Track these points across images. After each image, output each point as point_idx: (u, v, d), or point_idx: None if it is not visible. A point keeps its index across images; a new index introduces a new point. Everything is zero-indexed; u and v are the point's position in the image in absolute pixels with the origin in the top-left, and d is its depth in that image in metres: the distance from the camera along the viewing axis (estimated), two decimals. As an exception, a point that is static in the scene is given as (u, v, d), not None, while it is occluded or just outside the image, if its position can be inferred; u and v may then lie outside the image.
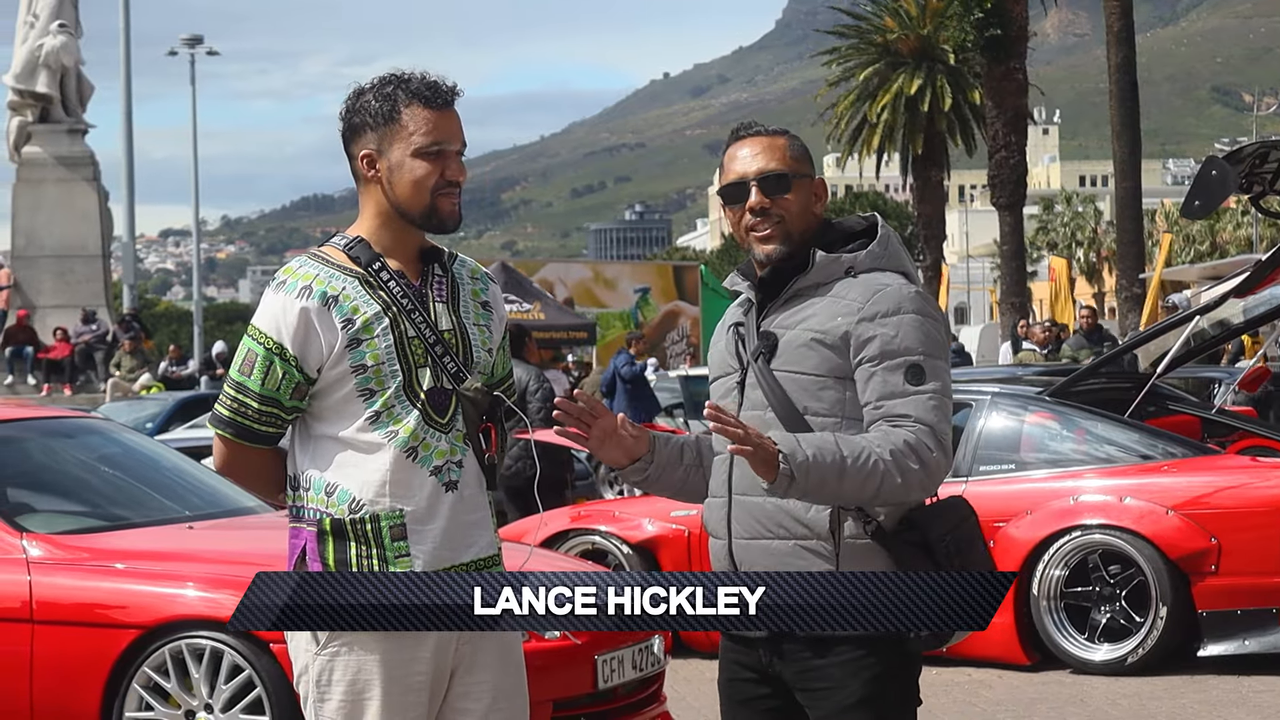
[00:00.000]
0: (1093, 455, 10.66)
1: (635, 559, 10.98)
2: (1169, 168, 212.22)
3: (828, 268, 4.16)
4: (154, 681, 7.25)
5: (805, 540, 4.08)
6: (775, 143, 4.22)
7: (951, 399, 4.13)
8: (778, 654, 4.14)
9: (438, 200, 4.20)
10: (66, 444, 8.86)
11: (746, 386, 4.18)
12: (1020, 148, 40.48)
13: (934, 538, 4.08)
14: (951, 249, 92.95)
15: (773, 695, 4.21)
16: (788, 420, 4.09)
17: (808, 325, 4.13)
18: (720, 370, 4.30)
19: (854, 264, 4.17)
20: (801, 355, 4.12)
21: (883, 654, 4.07)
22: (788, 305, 4.18)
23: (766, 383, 4.13)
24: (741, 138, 4.25)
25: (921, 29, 54.85)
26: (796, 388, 4.11)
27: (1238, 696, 9.47)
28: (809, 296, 4.17)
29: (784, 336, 4.15)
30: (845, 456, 3.94)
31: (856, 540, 4.07)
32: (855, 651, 4.06)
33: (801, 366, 4.11)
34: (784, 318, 4.17)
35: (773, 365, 4.14)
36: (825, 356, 4.10)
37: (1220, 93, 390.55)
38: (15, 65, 37.47)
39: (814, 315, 4.13)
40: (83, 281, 36.64)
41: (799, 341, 4.13)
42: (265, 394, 4.18)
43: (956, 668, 10.24)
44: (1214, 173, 10.61)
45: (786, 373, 4.13)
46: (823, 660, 4.08)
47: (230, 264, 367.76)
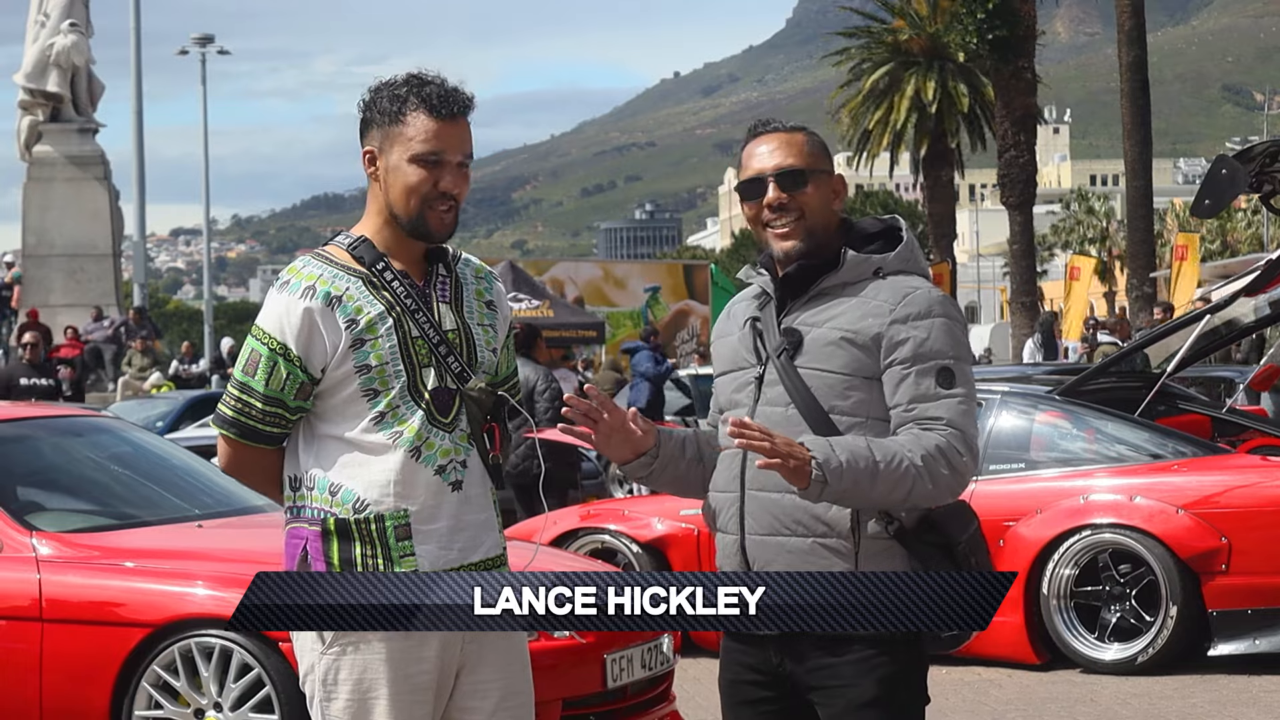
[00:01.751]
0: (1103, 454, 10.65)
1: (645, 558, 10.98)
2: (1180, 167, 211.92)
3: (857, 268, 4.16)
4: (163, 680, 7.25)
5: (825, 538, 4.07)
6: (794, 139, 4.21)
7: (975, 401, 4.16)
8: (789, 653, 4.13)
9: (426, 211, 4.17)
10: (77, 443, 8.87)
11: (765, 382, 4.16)
12: (1030, 147, 40.42)
13: (953, 539, 4.10)
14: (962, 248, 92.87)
15: (777, 697, 4.20)
16: (812, 418, 4.08)
17: (836, 324, 4.12)
18: (732, 365, 4.28)
19: (883, 265, 4.17)
20: (829, 354, 4.11)
21: (895, 653, 4.08)
22: (812, 303, 4.17)
23: (791, 380, 4.12)
24: (759, 134, 4.25)
25: (931, 28, 54.81)
26: (822, 386, 4.10)
27: (1248, 696, 9.46)
28: (835, 295, 4.16)
29: (809, 334, 4.13)
30: (878, 461, 3.95)
31: (877, 539, 4.08)
32: (868, 650, 4.06)
33: (829, 365, 4.10)
34: (809, 315, 4.16)
35: (797, 362, 4.13)
36: (854, 356, 4.10)
37: (1231, 92, 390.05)
38: (26, 64, 37.52)
39: (843, 314, 4.12)
40: (93, 280, 36.68)
41: (827, 340, 4.11)
42: (269, 394, 4.17)
43: (967, 666, 10.23)
44: (1224, 171, 10.60)
45: (812, 370, 4.11)
46: (835, 659, 4.08)
47: (241, 263, 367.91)
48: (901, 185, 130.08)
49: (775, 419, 4.09)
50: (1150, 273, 35.60)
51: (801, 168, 4.17)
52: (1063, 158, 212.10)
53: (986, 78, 47.64)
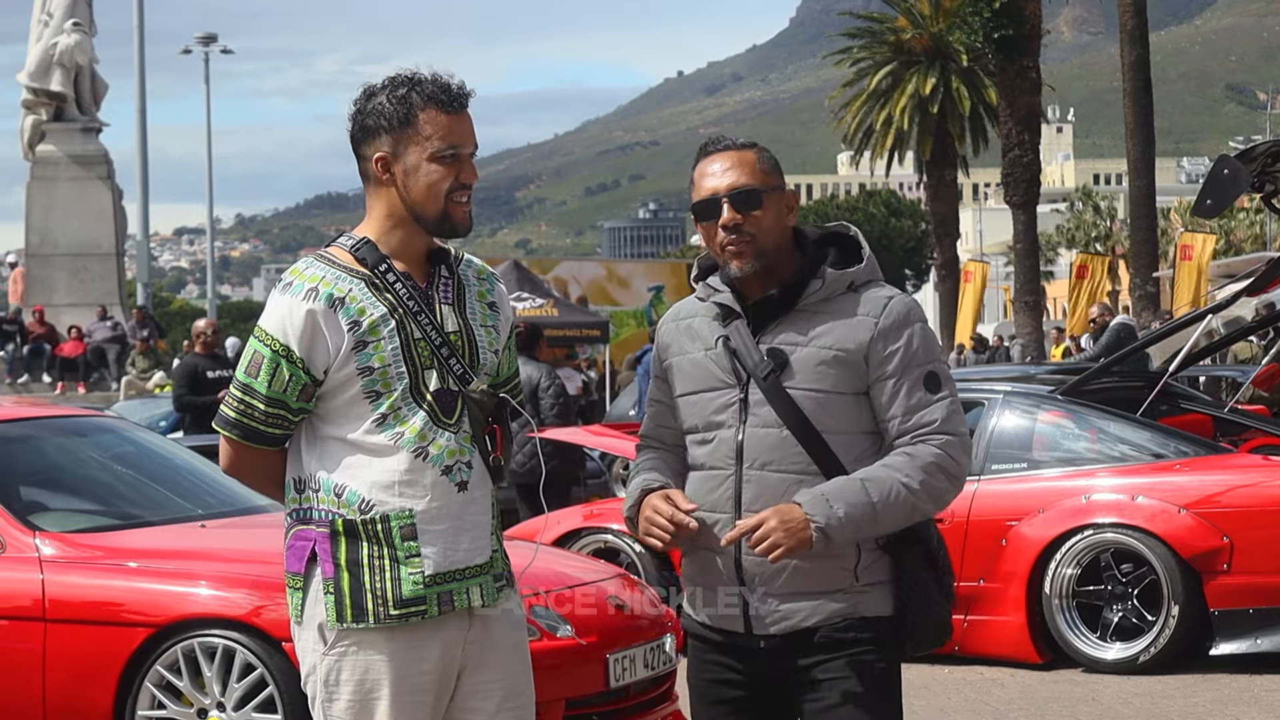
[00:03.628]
0: (1105, 454, 10.65)
1: (647, 558, 10.99)
2: (1183, 166, 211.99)
3: (835, 283, 4.18)
4: (166, 680, 7.26)
5: (834, 557, 4.12)
6: (745, 157, 4.20)
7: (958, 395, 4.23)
8: (781, 659, 4.16)
9: (450, 206, 4.19)
10: (80, 443, 8.87)
11: (751, 404, 4.16)
12: (1034, 146, 40.43)
13: (934, 547, 4.21)
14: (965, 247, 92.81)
15: (750, 697, 4.24)
16: (806, 440, 4.11)
17: (824, 343, 4.13)
18: (703, 385, 4.25)
19: (855, 278, 4.19)
20: (821, 373, 4.12)
21: (876, 653, 4.15)
22: (789, 321, 4.17)
23: (780, 402, 4.13)
24: (710, 153, 4.24)
25: (934, 28, 54.80)
26: (814, 406, 4.12)
27: (1250, 695, 9.46)
28: (815, 312, 4.17)
29: (795, 353, 4.14)
30: (875, 502, 4.04)
31: (871, 552, 4.15)
32: (864, 648, 4.13)
33: (820, 384, 4.12)
34: (790, 335, 4.16)
35: (785, 383, 4.13)
36: (844, 373, 4.12)
37: (1234, 91, 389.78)
38: (29, 64, 37.53)
39: (828, 332, 4.14)
40: (97, 280, 36.70)
41: (818, 359, 4.13)
42: (272, 396, 4.18)
43: (969, 666, 10.24)
44: (1226, 171, 10.60)
45: (802, 390, 4.12)
46: (831, 656, 4.13)
47: (244, 262, 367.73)
48: (905, 184, 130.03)
49: (771, 441, 4.12)
50: (1154, 272, 35.61)
51: (755, 187, 4.17)
52: (1066, 157, 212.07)
53: (989, 77, 47.64)
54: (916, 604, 4.14)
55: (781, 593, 4.13)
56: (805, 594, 4.12)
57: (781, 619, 4.14)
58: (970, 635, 10.29)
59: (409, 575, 4.14)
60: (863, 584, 4.14)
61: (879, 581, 4.16)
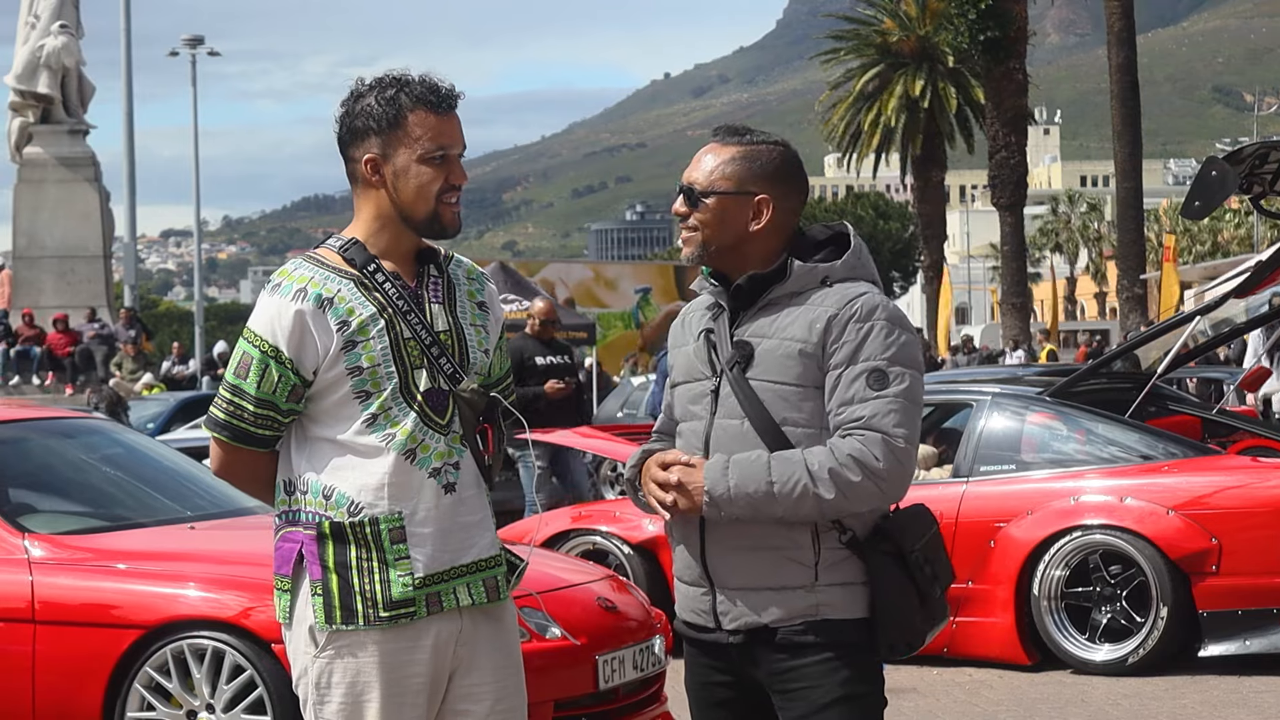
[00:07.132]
0: (1094, 455, 10.65)
1: (636, 559, 10.98)
2: (1170, 168, 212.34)
3: (804, 277, 4.17)
4: (156, 681, 7.25)
5: (785, 550, 4.10)
6: (720, 155, 4.21)
7: (918, 407, 4.12)
8: (750, 658, 4.16)
9: (441, 207, 4.19)
10: (68, 444, 8.87)
11: (721, 395, 4.18)
12: (1020, 148, 40.53)
13: (906, 548, 4.12)
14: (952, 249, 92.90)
15: (743, 698, 4.23)
16: (765, 431, 4.10)
17: (786, 335, 4.13)
18: (688, 376, 4.28)
19: (829, 273, 4.18)
20: (783, 366, 4.12)
21: (855, 656, 4.12)
22: (762, 314, 4.18)
23: (743, 393, 4.13)
24: (710, 142, 4.28)
25: (921, 30, 54.88)
26: (775, 398, 4.11)
27: (1238, 697, 9.47)
28: (784, 306, 4.16)
29: (760, 346, 4.14)
30: (773, 481, 4.01)
31: (835, 550, 4.10)
32: (828, 653, 4.10)
33: (782, 377, 4.12)
34: (758, 327, 4.17)
35: (749, 375, 4.14)
36: (806, 366, 4.10)
37: (1221, 93, 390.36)
38: (16, 66, 37.50)
39: (792, 324, 4.13)
40: (84, 282, 36.66)
41: (780, 352, 4.12)
42: (261, 397, 4.18)
43: (957, 668, 10.24)
44: (1214, 173, 10.60)
45: (765, 383, 4.13)
46: (798, 661, 4.11)
47: (231, 264, 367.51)
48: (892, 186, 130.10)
49: (732, 432, 4.13)
50: (1140, 274, 35.69)
51: (702, 189, 4.18)
52: (1053, 159, 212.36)
53: (976, 79, 47.72)
54: (885, 608, 4.08)
55: (740, 587, 4.12)
56: (762, 589, 4.10)
57: (741, 615, 4.12)
58: (959, 637, 10.29)
59: (398, 578, 4.14)
60: (825, 583, 4.08)
61: (847, 582, 4.09)
